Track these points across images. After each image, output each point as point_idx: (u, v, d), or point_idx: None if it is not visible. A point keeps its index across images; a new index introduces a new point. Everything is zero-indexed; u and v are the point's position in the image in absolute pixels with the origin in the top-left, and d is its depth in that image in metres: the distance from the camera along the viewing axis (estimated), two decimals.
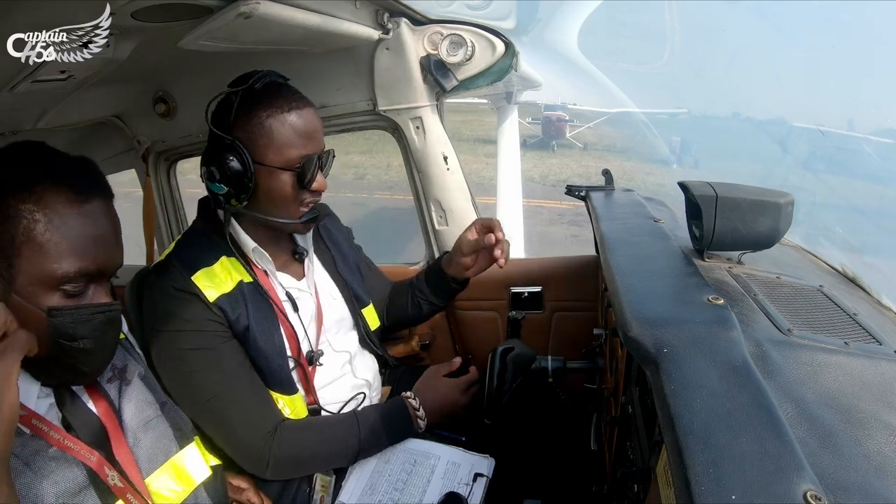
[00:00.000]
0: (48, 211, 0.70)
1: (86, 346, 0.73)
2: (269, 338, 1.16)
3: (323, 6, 1.19)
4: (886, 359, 0.73)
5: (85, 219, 0.73)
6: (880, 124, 1.62)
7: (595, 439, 1.28)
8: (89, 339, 0.73)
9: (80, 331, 0.72)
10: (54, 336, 0.70)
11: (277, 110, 1.09)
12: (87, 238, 0.73)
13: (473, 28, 1.61)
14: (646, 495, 0.77)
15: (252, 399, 1.13)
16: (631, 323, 0.69)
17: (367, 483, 1.20)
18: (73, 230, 0.71)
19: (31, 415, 0.73)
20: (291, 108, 1.10)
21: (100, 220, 0.75)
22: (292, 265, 1.27)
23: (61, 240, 0.71)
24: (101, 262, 0.74)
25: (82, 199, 0.73)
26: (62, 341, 0.71)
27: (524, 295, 1.79)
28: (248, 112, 1.09)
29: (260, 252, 1.17)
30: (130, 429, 0.83)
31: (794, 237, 1.37)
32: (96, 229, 0.74)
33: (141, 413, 0.86)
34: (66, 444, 0.74)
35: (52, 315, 0.70)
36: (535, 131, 13.52)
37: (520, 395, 1.24)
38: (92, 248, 0.73)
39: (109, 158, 1.99)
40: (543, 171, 11.42)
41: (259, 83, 1.10)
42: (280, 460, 1.13)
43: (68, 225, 0.71)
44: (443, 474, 1.21)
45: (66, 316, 0.71)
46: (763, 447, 0.49)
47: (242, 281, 1.16)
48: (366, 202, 8.65)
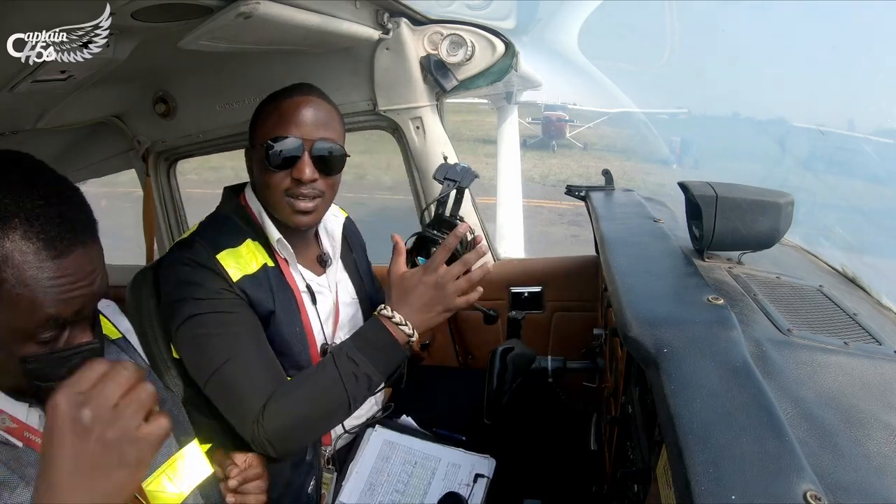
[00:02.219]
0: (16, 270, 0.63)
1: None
2: (291, 324, 1.17)
3: (323, 6, 1.20)
4: (886, 359, 0.73)
5: (60, 272, 0.65)
6: (880, 124, 1.62)
7: (595, 439, 1.28)
8: (66, 379, 0.68)
9: (56, 373, 0.68)
10: (31, 379, 0.68)
11: (276, 97, 1.15)
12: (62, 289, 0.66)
13: (473, 28, 1.61)
14: (646, 495, 0.77)
15: (265, 371, 1.10)
16: (631, 323, 0.69)
17: (366, 483, 1.20)
18: (42, 284, 0.64)
19: (23, 427, 0.71)
20: (287, 95, 1.14)
21: (79, 269, 0.67)
22: (314, 264, 1.29)
23: (32, 295, 0.64)
24: (77, 305, 0.68)
25: (58, 252, 0.65)
26: (39, 383, 0.69)
27: (524, 295, 1.79)
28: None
29: (283, 243, 1.18)
30: None
31: (794, 237, 1.37)
32: (74, 279, 0.67)
33: None
34: None
35: (26, 362, 0.67)
36: (535, 131, 13.51)
37: (520, 395, 1.24)
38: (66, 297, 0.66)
39: (109, 158, 1.99)
40: (543, 171, 11.42)
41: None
42: (272, 434, 1.05)
43: (37, 281, 0.64)
44: (443, 475, 1.21)
45: (39, 362, 0.67)
46: (763, 447, 0.49)
47: (267, 265, 1.17)
48: (366, 202, 8.64)
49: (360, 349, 1.09)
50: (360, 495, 1.17)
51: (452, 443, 1.30)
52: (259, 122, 1.17)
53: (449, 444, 1.29)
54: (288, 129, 1.11)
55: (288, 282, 1.19)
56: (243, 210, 1.21)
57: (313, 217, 1.18)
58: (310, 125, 1.13)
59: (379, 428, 1.31)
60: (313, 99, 1.15)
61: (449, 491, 1.17)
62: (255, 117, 1.18)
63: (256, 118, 1.18)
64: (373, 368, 1.08)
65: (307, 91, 1.17)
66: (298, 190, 1.13)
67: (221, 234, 1.16)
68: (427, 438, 1.31)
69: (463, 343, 1.90)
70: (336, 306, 1.29)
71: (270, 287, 1.15)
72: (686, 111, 6.07)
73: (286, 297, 1.17)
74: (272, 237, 1.18)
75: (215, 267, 1.10)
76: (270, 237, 1.18)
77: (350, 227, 1.46)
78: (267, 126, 1.14)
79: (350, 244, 1.41)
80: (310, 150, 1.12)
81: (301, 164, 1.11)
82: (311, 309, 1.22)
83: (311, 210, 1.16)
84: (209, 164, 10.85)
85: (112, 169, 2.05)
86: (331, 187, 1.18)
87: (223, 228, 1.18)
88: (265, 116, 1.15)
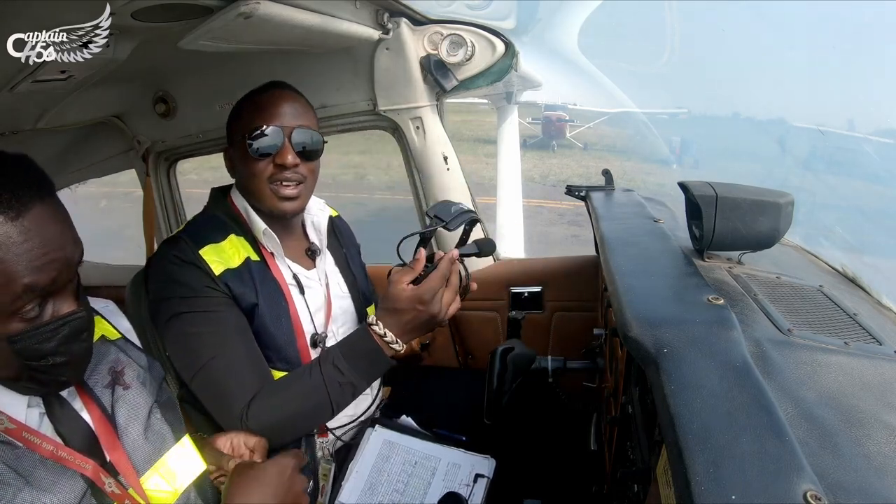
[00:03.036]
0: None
1: (56, 361, 0.69)
2: (276, 317, 1.18)
3: (323, 6, 1.20)
4: (886, 359, 0.73)
5: (25, 234, 0.64)
6: (880, 124, 1.62)
7: (595, 439, 1.28)
8: (58, 354, 0.69)
9: (45, 348, 0.68)
10: (22, 359, 0.68)
11: (252, 95, 1.22)
12: (32, 254, 0.65)
13: (473, 28, 1.61)
14: (646, 495, 0.77)
15: (249, 368, 1.12)
16: (631, 323, 0.69)
17: (366, 483, 1.20)
18: (11, 251, 0.63)
19: (22, 427, 0.71)
20: (262, 91, 1.21)
21: (44, 229, 0.66)
22: (303, 257, 1.31)
23: (3, 267, 0.63)
24: (53, 272, 0.67)
25: (16, 212, 0.64)
26: (31, 362, 0.68)
27: (524, 295, 1.79)
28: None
29: (269, 234, 1.21)
30: (127, 433, 0.82)
31: (794, 237, 1.37)
32: (41, 241, 0.65)
33: (137, 416, 0.84)
34: (60, 455, 0.72)
35: (12, 342, 0.66)
36: (536, 131, 13.50)
37: (520, 395, 1.24)
38: (39, 263, 0.65)
39: (109, 158, 1.99)
40: (543, 171, 11.41)
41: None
42: (256, 431, 1.08)
43: (5, 247, 0.63)
44: (443, 476, 1.21)
45: (26, 340, 0.67)
46: (763, 447, 0.49)
47: (250, 258, 1.20)
48: (365, 202, 8.64)
49: (346, 358, 1.12)
50: (360, 495, 1.17)
51: (452, 443, 1.30)
52: (237, 118, 1.22)
53: (449, 444, 1.29)
54: (267, 120, 1.17)
55: (273, 274, 1.21)
56: (229, 208, 1.25)
57: (298, 203, 1.22)
58: (288, 115, 1.19)
59: (379, 428, 1.31)
60: (287, 93, 1.22)
61: (449, 491, 1.16)
62: (233, 115, 1.24)
63: (234, 116, 1.23)
64: (357, 377, 1.12)
65: (280, 86, 1.23)
66: (282, 175, 1.18)
67: (205, 230, 1.20)
68: (427, 438, 1.31)
69: (463, 343, 1.90)
70: (328, 299, 1.30)
71: (253, 280, 1.17)
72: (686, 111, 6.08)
73: (270, 290, 1.19)
74: (258, 229, 1.21)
75: (198, 262, 1.14)
76: (256, 230, 1.21)
77: (340, 224, 1.49)
78: (246, 120, 1.19)
79: (340, 241, 1.44)
80: (289, 137, 1.17)
81: (283, 151, 1.17)
82: (300, 300, 1.24)
83: (295, 196, 1.20)
84: (209, 164, 10.85)
85: (112, 169, 2.05)
86: (311, 172, 1.23)
87: (208, 225, 1.22)
88: (243, 112, 1.21)
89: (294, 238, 1.31)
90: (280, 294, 1.20)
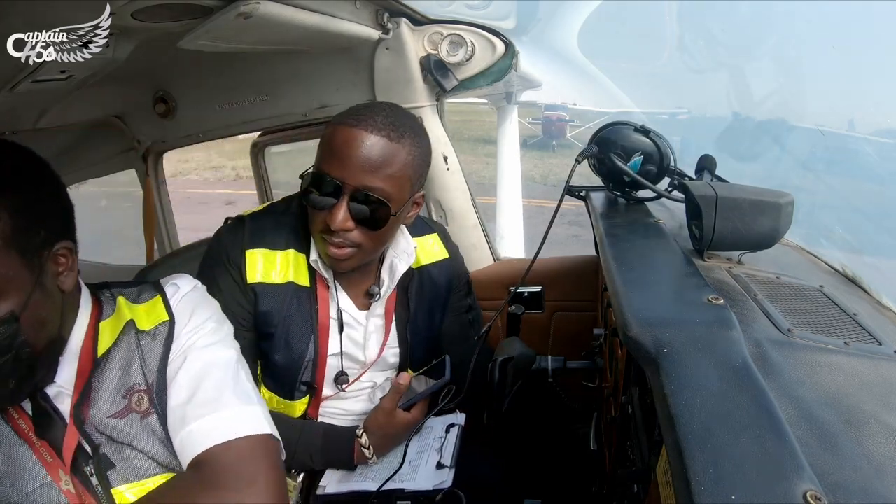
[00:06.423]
0: None
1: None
2: (293, 351, 1.12)
3: (323, 6, 1.20)
4: (886, 359, 0.73)
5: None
6: (880, 124, 1.62)
7: (595, 439, 1.28)
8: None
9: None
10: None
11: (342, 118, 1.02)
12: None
13: (473, 28, 1.61)
14: (646, 495, 0.77)
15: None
16: (631, 323, 0.69)
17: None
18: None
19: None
20: (351, 120, 1.00)
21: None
22: (361, 296, 1.19)
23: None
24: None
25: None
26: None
27: (524, 295, 1.79)
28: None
29: (319, 264, 1.10)
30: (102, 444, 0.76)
31: (794, 237, 1.37)
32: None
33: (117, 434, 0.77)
34: (30, 437, 0.73)
35: None
36: (536, 131, 13.49)
37: (520, 396, 1.24)
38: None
39: (109, 158, 2.00)
40: (543, 171, 11.40)
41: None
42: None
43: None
44: (417, 438, 1.18)
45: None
46: (763, 447, 0.49)
47: (295, 284, 1.10)
48: None
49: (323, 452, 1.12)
50: (341, 477, 1.16)
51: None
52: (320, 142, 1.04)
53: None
54: (327, 164, 0.99)
55: (318, 307, 1.12)
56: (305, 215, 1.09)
57: (349, 264, 1.06)
58: (357, 167, 0.97)
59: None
60: (369, 135, 0.97)
61: (449, 490, 1.16)
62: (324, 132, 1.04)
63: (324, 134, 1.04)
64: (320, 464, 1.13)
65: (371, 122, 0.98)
66: (330, 237, 1.02)
67: (271, 229, 1.10)
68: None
69: None
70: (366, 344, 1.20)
71: (286, 306, 1.09)
72: (686, 111, 6.07)
73: (301, 322, 1.11)
74: (312, 255, 1.10)
75: (238, 260, 1.07)
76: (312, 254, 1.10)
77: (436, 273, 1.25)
78: (319, 151, 1.03)
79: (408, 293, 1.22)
80: (349, 195, 0.99)
81: (335, 210, 0.98)
82: (335, 339, 1.15)
83: (343, 258, 1.04)
84: (209, 164, 10.86)
85: (112, 169, 2.06)
86: (371, 240, 1.04)
87: (278, 223, 1.11)
88: (324, 138, 1.02)
89: (359, 274, 1.15)
90: (312, 329, 1.12)
